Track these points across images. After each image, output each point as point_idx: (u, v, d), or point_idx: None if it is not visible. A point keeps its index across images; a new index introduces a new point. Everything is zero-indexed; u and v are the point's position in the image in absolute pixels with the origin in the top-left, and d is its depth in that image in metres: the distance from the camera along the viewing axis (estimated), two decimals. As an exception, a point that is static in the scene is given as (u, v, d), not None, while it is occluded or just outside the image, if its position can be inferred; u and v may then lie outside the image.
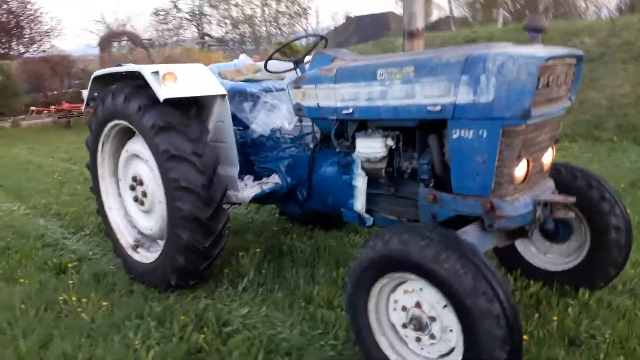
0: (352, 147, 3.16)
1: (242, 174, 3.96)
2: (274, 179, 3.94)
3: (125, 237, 4.21)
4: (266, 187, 3.89)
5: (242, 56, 5.04)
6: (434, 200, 2.72)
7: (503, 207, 2.50)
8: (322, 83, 3.15)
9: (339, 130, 3.31)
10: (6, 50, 28.80)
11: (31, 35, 29.72)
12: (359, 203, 3.23)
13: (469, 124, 2.47)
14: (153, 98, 3.43)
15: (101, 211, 4.36)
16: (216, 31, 36.26)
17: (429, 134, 2.78)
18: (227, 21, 34.76)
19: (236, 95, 4.26)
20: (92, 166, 4.28)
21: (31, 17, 29.21)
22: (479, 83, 2.37)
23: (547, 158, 2.83)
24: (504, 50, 2.39)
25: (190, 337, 3.11)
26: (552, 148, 2.84)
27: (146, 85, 3.44)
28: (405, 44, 3.89)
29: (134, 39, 29.49)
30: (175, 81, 3.36)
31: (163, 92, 3.32)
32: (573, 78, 2.73)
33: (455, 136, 2.55)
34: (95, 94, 4.16)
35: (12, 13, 28.68)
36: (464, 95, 2.45)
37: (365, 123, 3.10)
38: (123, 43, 31.05)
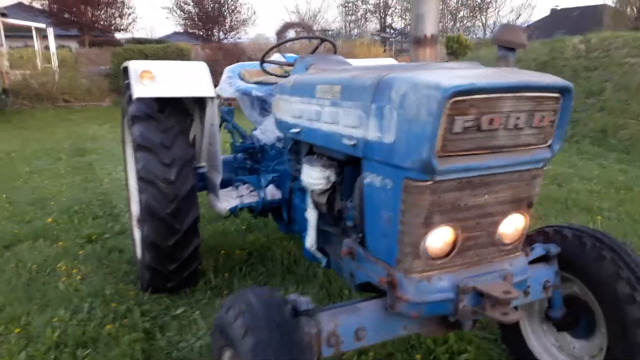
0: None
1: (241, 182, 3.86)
2: (256, 193, 3.72)
3: (133, 218, 4.45)
4: (246, 201, 3.69)
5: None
6: (350, 255, 2.27)
7: (405, 286, 1.95)
8: (283, 94, 2.84)
9: (293, 151, 3.04)
10: (208, 35, 32.92)
11: (231, 23, 33.43)
12: (309, 239, 2.83)
13: (377, 169, 1.99)
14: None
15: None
16: (398, 23, 36.08)
17: (356, 172, 2.26)
18: (409, 13, 34.31)
19: (245, 98, 4.17)
20: (122, 144, 4.52)
21: (232, 7, 32.89)
22: (383, 117, 1.88)
23: (510, 228, 2.07)
24: (415, 74, 1.84)
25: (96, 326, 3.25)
26: (524, 216, 2.08)
27: None
28: (411, 53, 3.25)
29: (308, 29, 31.02)
30: (152, 80, 3.31)
31: (137, 90, 3.29)
32: (557, 118, 1.95)
33: (366, 181, 2.09)
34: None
35: (218, 2, 32.64)
36: (372, 130, 1.97)
37: (312, 147, 2.72)
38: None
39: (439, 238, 1.94)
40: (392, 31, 36.10)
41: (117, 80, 18.58)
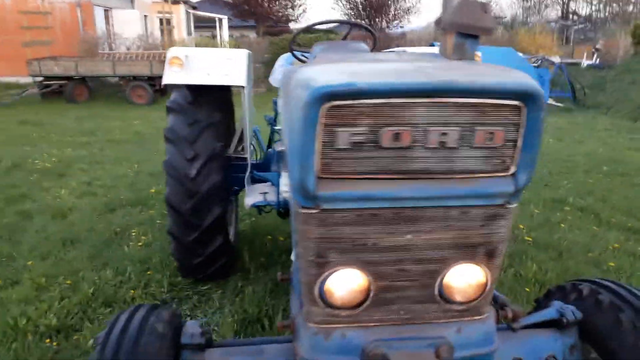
0: None
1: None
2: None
3: None
4: (268, 199, 3.55)
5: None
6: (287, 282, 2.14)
7: (301, 338, 1.65)
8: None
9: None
10: (371, 25, 33.14)
11: (395, 12, 33.22)
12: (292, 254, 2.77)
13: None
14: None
15: None
16: (583, 9, 32.26)
17: None
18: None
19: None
20: None
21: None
22: (284, 121, 1.73)
23: (459, 281, 1.61)
24: (321, 68, 1.48)
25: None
26: (482, 267, 1.59)
27: None
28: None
29: None
30: (181, 67, 3.25)
31: (166, 77, 3.28)
32: (520, 135, 1.41)
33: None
34: None
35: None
36: (284, 136, 1.85)
37: None
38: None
39: (342, 283, 1.57)
40: (575, 18, 32.35)
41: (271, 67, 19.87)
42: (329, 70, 1.41)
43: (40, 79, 14.84)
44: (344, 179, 1.41)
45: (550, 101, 14.32)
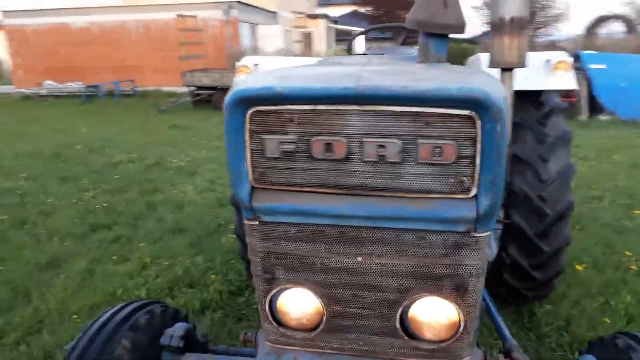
0: None
1: None
2: None
3: None
4: None
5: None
6: None
7: (259, 354, 1.63)
8: None
9: None
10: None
11: (542, 19, 31.07)
12: None
13: None
14: None
15: None
16: None
17: None
18: None
19: None
20: None
21: (544, 2, 30.44)
22: None
23: (426, 316, 1.45)
24: (271, 71, 1.42)
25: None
26: (453, 303, 1.42)
27: None
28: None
29: (628, 23, 26.00)
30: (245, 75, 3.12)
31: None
32: (477, 151, 1.22)
33: None
34: None
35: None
36: None
37: None
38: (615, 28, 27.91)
39: (293, 302, 1.50)
40: None
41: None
42: (264, 75, 1.34)
43: (192, 88, 16.72)
44: (281, 190, 1.35)
45: None
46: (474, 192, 1.26)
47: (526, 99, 3.10)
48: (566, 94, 14.09)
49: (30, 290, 3.83)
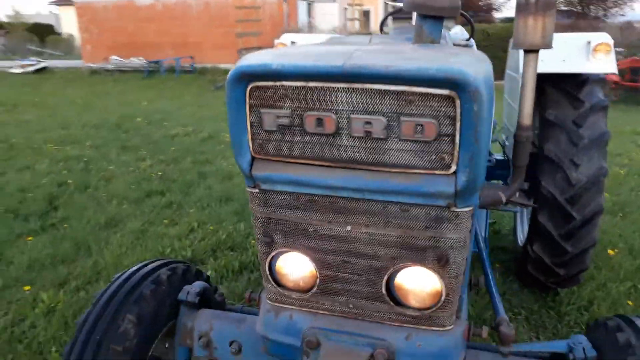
0: None
1: None
2: None
3: None
4: None
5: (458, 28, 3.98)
6: None
7: (261, 311, 1.76)
8: None
9: None
10: (584, 12, 29.67)
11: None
12: None
13: None
14: None
15: None
16: None
17: None
18: None
19: None
20: None
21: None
22: None
23: (411, 284, 1.53)
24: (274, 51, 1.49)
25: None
26: (437, 274, 1.48)
27: None
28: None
29: None
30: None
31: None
32: (456, 130, 1.27)
33: None
34: None
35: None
36: None
37: None
38: None
39: (290, 265, 1.61)
40: None
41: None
42: (265, 53, 1.42)
43: (247, 65, 17.09)
44: (278, 161, 1.44)
45: None
46: (453, 168, 1.31)
47: (565, 91, 2.99)
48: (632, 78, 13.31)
49: (90, 245, 4.26)
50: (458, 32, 3.04)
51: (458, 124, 1.24)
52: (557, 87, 3.03)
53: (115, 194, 5.63)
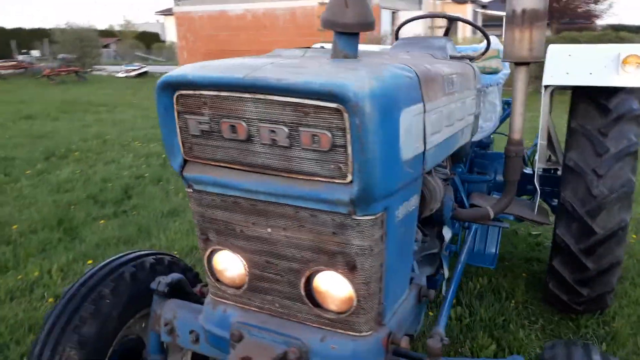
0: None
1: None
2: None
3: None
4: None
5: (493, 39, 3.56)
6: None
7: (203, 309, 1.85)
8: None
9: None
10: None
11: None
12: None
13: None
14: None
15: None
16: None
17: None
18: None
19: None
20: None
21: None
22: None
23: (326, 287, 1.57)
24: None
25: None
26: (348, 279, 1.51)
27: None
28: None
29: None
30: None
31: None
32: (349, 141, 1.30)
33: None
34: None
35: None
36: None
37: None
38: None
39: (224, 262, 1.71)
40: None
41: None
42: (192, 64, 1.52)
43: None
44: (206, 164, 1.54)
45: None
46: (350, 178, 1.35)
47: (592, 101, 2.92)
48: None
49: (151, 230, 4.77)
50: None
51: (348, 136, 1.29)
52: (585, 96, 3.00)
53: (182, 188, 6.13)
